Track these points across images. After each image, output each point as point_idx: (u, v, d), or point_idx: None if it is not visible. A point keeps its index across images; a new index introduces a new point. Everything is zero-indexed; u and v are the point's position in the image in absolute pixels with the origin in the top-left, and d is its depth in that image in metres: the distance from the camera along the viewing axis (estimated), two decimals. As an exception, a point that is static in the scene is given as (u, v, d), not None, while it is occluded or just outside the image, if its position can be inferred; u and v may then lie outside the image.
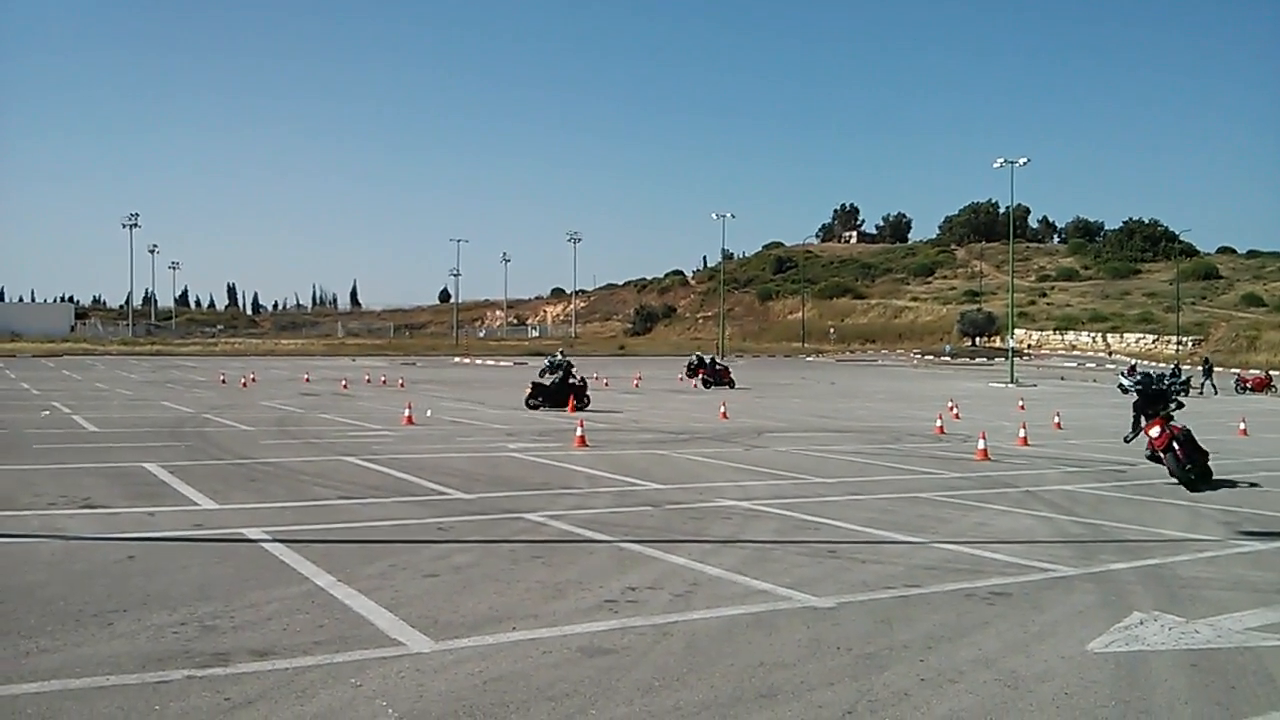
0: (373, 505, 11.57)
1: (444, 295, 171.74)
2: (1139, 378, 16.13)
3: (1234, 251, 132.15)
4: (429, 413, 25.73)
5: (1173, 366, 50.36)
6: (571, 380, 29.65)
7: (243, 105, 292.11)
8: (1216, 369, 57.46)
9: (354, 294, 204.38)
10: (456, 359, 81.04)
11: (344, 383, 41.26)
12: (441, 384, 43.46)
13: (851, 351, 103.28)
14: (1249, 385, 50.89)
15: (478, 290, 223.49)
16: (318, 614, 6.72)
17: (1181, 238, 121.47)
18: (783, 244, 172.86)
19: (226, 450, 16.90)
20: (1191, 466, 14.60)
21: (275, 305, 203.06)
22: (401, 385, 40.51)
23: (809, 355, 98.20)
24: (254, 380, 41.66)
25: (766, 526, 10.74)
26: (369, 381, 44.08)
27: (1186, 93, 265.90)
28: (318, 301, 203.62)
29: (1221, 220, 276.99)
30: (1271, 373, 56.97)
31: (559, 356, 32.72)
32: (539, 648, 6.08)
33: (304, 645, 6.01)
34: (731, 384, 42.75)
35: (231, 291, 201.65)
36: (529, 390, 29.60)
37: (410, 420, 22.85)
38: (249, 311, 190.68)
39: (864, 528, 10.73)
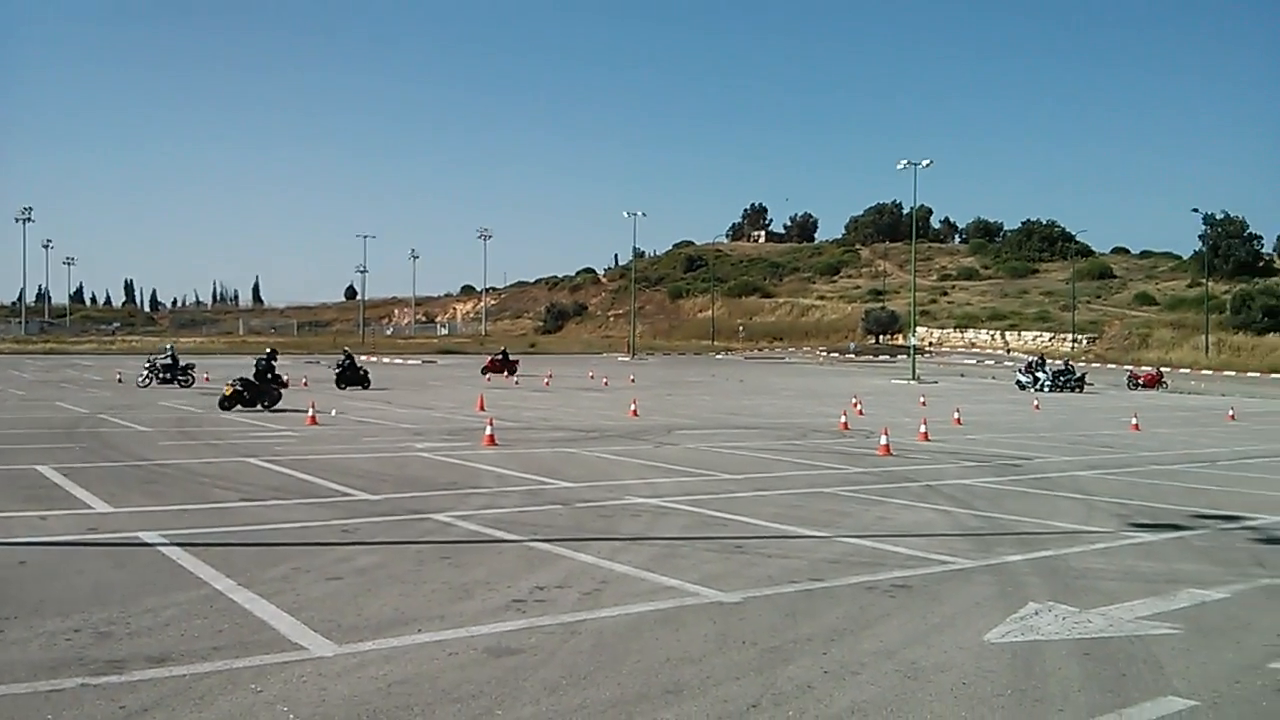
0: (275, 508, 11.34)
1: (350, 292, 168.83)
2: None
3: (1128, 252, 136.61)
4: (334, 412, 25.32)
5: (1064, 363, 52.10)
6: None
7: (141, 97, 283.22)
8: (1110, 365, 59.63)
9: (256, 290, 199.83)
10: (363, 357, 79.71)
11: (246, 382, 40.21)
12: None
13: (760, 349, 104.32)
14: (1141, 381, 52.66)
15: (385, 287, 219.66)
16: (217, 619, 6.58)
17: (1078, 238, 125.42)
18: (693, 243, 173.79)
19: (123, 451, 16.40)
20: None
21: (174, 302, 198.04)
22: (305, 385, 39.67)
23: (719, 353, 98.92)
24: (151, 380, 40.38)
25: (675, 523, 10.81)
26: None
27: (1081, 96, 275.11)
28: (218, 298, 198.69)
29: (1116, 221, 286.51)
30: (1162, 369, 59.13)
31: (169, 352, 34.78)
32: (444, 649, 6.03)
33: (202, 651, 5.87)
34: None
35: (129, 288, 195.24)
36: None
37: (314, 420, 22.45)
38: (147, 309, 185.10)
39: (770, 523, 10.86)
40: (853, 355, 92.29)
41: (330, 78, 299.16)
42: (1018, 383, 48.20)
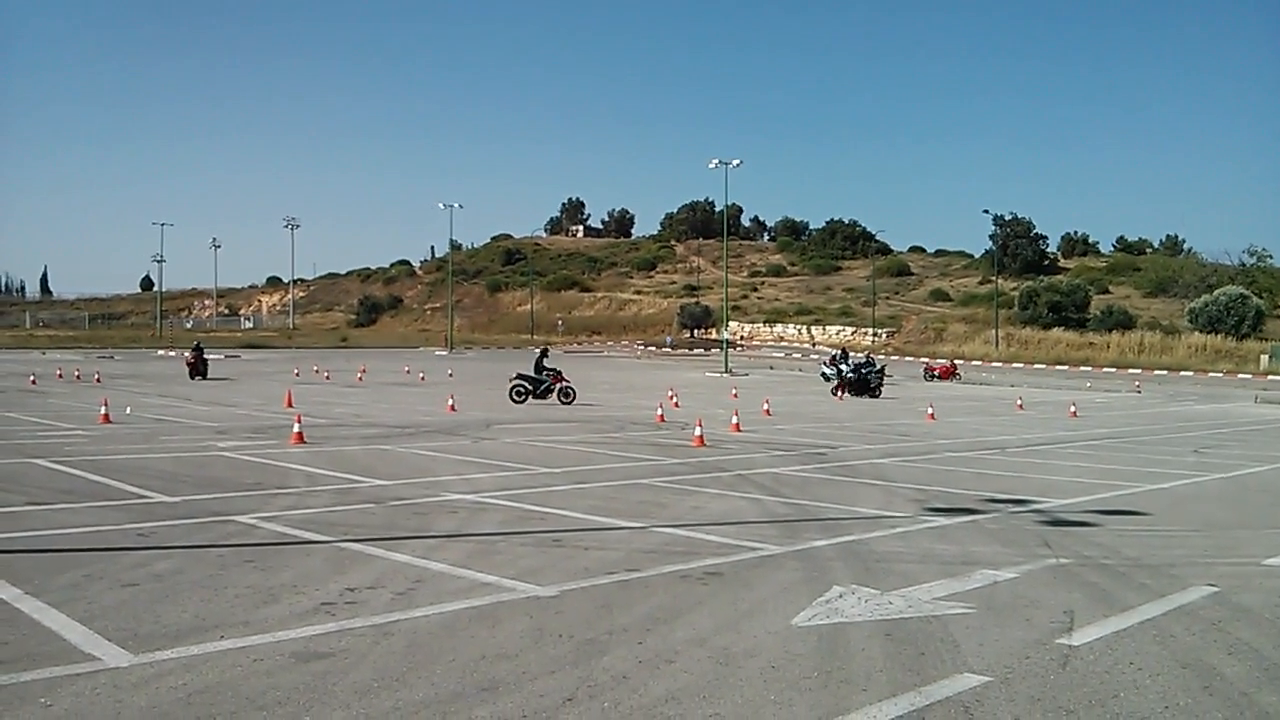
0: (65, 511, 10.66)
1: (146, 283, 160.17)
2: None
3: (924, 251, 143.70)
4: (128, 410, 23.98)
5: (865, 356, 54.44)
6: None
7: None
8: (908, 358, 63.11)
9: (45, 281, 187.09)
10: (160, 352, 75.76)
11: (33, 378, 37.65)
12: (143, 379, 40.56)
13: (579, 343, 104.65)
14: (936, 373, 55.47)
15: (185, 278, 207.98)
16: (1, 630, 6.16)
17: (877, 237, 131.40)
18: (511, 236, 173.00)
19: (-116, 456, 15.06)
20: None
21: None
22: (98, 380, 37.49)
23: (538, 347, 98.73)
24: (-80, 377, 37.44)
25: (492, 519, 10.73)
26: (61, 376, 40.50)
27: (881, 99, 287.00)
28: (3, 289, 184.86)
29: (913, 222, 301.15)
30: (956, 362, 62.56)
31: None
32: (249, 656, 5.80)
33: (-16, 666, 5.48)
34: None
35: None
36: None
37: (107, 418, 21.20)
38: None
39: (588, 515, 10.94)
40: (669, 349, 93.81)
41: (125, 61, 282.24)
42: (823, 375, 49.97)
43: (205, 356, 43.04)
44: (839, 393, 37.50)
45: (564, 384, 29.86)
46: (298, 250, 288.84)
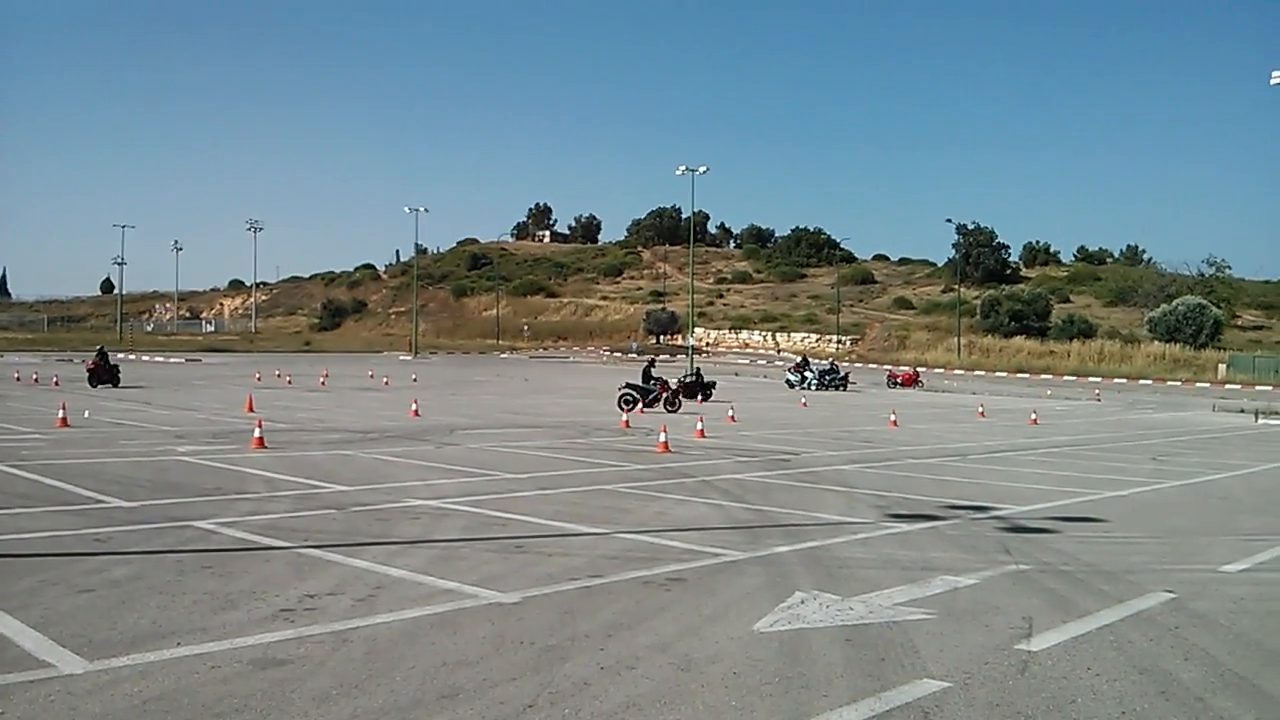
0: (20, 516, 10.52)
1: (107, 285, 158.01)
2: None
3: (888, 259, 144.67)
4: (86, 414, 23.70)
5: (829, 363, 54.78)
6: None
7: None
8: (871, 365, 63.68)
9: (3, 283, 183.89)
10: (120, 355, 74.84)
11: (-14, 381, 37.15)
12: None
13: (545, 348, 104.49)
14: (899, 381, 55.78)
15: (145, 280, 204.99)
16: (-50, 639, 6.04)
17: (842, 245, 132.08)
18: (478, 240, 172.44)
19: None
20: None
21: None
22: (56, 384, 36.95)
23: (503, 352, 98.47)
24: None
25: (455, 525, 10.69)
26: (19, 380, 39.97)
27: (844, 107, 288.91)
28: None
29: (877, 230, 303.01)
30: (919, 369, 63.02)
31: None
32: (206, 663, 5.73)
33: (-67, 675, 5.38)
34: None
35: None
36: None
37: (65, 422, 20.92)
38: None
39: (551, 521, 10.91)
40: (635, 355, 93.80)
41: (87, 64, 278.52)
42: (787, 381, 50.15)
43: (112, 363, 38.34)
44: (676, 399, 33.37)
45: (670, 392, 30.55)
46: (260, 253, 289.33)
